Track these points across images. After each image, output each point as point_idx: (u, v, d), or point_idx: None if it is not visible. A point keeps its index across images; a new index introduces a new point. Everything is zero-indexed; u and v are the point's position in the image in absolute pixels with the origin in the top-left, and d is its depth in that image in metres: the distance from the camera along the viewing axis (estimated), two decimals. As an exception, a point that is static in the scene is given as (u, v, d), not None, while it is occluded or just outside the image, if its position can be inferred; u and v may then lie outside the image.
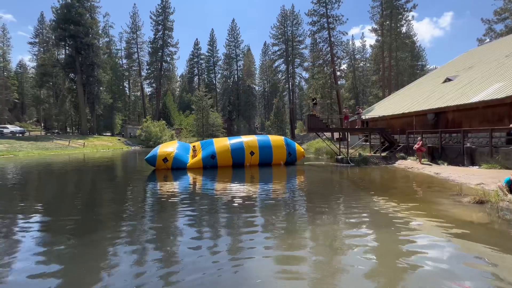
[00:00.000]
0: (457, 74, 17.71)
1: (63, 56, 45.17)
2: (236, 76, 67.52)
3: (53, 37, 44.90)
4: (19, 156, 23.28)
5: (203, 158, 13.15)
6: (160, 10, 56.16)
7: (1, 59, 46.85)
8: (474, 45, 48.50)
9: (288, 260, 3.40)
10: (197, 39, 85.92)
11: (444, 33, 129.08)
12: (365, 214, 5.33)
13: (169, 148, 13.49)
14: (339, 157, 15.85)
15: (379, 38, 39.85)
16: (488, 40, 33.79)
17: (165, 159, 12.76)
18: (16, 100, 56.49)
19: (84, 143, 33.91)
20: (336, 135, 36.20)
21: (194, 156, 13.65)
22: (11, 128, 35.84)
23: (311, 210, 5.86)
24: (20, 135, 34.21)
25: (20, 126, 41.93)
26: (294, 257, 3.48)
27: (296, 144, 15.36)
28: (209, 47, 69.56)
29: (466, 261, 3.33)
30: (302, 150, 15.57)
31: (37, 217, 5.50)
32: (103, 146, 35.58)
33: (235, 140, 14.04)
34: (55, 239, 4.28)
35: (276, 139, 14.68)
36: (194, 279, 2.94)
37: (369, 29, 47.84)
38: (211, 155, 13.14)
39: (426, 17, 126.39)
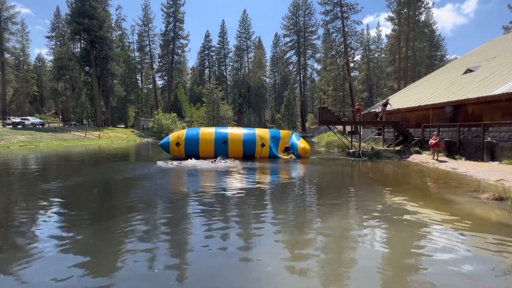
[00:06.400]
0: (479, 65, 16.81)
1: (79, 49, 46.25)
2: (246, 68, 67.00)
3: (68, 31, 45.95)
4: (40, 146, 24.36)
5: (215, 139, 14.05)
6: (171, 2, 56.04)
7: (21, 53, 48.53)
8: (499, 34, 45.72)
9: (298, 251, 3.43)
10: (208, 31, 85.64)
11: (467, 20, 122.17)
12: (377, 209, 5.25)
13: (178, 133, 14.47)
14: (351, 150, 15.58)
15: (396, 27, 38.24)
16: (515, 27, 31.65)
17: (177, 143, 13.79)
18: (36, 93, 58.77)
19: (99, 134, 34.97)
20: (348, 128, 35.48)
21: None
22: (31, 120, 37.44)
23: (322, 204, 5.84)
24: (40, 126, 35.68)
25: (40, 118, 43.74)
26: (304, 248, 3.50)
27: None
28: (220, 39, 69.20)
29: (482, 260, 3.24)
30: (303, 146, 14.57)
31: (57, 203, 5.78)
32: (118, 138, 36.59)
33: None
34: (73, 225, 4.49)
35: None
36: (204, 266, 3.02)
37: (385, 18, 45.94)
38: (223, 141, 14.01)
39: (448, 3, 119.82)
